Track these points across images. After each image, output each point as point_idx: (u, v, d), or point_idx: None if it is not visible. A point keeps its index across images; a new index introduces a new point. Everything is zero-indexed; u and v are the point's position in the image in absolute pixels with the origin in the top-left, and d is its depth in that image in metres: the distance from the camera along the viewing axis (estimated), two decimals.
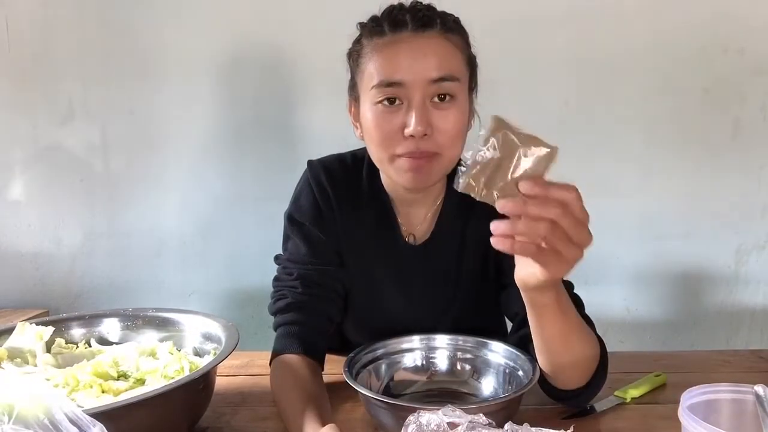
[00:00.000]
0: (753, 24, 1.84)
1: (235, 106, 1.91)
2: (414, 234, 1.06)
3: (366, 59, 0.93)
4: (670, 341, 1.98)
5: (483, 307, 1.08)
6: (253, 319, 1.88)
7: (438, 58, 0.89)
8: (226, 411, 0.92)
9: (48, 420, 0.54)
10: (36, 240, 1.97)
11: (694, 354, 1.24)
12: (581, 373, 0.85)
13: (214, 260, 1.97)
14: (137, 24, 1.87)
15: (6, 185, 1.95)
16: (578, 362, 0.83)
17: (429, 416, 0.61)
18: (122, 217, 1.96)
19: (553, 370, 0.84)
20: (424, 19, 0.90)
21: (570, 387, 0.86)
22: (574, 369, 0.84)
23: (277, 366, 0.94)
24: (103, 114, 1.92)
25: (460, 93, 0.92)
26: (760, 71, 1.86)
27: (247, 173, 1.93)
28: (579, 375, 0.85)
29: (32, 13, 1.87)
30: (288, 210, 1.07)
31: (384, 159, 0.94)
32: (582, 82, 1.87)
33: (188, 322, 0.96)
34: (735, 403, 0.70)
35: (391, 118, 0.91)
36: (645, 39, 1.84)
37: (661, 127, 1.89)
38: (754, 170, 1.91)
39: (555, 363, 0.83)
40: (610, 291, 1.94)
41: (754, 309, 1.98)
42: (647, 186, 1.91)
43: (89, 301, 1.98)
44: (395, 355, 0.97)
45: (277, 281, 1.04)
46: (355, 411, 0.91)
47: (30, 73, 1.89)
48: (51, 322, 0.95)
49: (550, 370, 0.85)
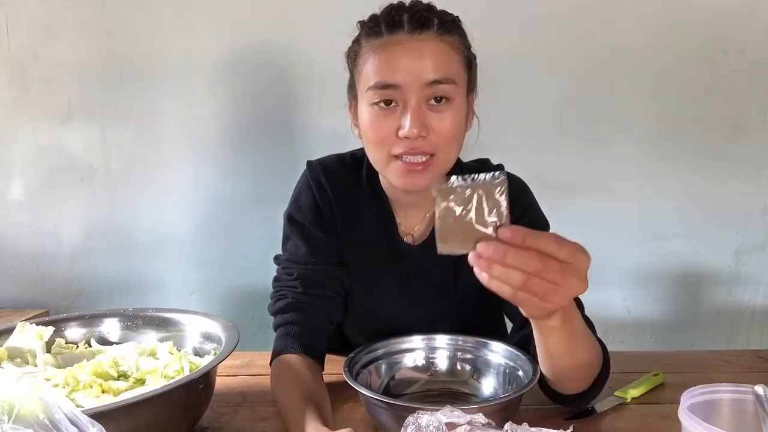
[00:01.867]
0: (753, 24, 1.84)
1: (235, 107, 1.91)
2: (412, 234, 1.06)
3: (363, 60, 0.94)
4: (670, 341, 1.97)
5: (482, 307, 1.08)
6: (253, 319, 1.88)
7: (434, 60, 0.89)
8: (226, 411, 0.92)
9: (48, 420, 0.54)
10: (36, 240, 1.97)
11: (694, 354, 1.24)
12: (583, 378, 0.85)
13: (214, 260, 1.97)
14: (137, 24, 1.87)
15: (6, 185, 1.95)
16: (581, 369, 0.83)
17: (428, 418, 0.61)
18: (122, 217, 1.96)
19: (555, 377, 0.84)
20: (421, 20, 0.90)
21: (571, 392, 0.86)
22: (576, 376, 0.84)
23: (278, 366, 0.94)
24: (103, 114, 1.92)
25: (457, 95, 0.92)
26: (760, 71, 1.86)
27: (247, 173, 1.93)
28: (581, 380, 0.85)
29: (32, 13, 1.87)
30: (288, 210, 1.07)
31: (380, 159, 0.95)
32: (582, 82, 1.87)
33: (188, 322, 0.96)
34: (735, 403, 0.70)
35: (387, 119, 0.91)
36: (645, 39, 1.84)
37: (661, 127, 1.89)
38: (754, 170, 1.91)
39: (558, 372, 0.83)
40: (610, 291, 1.94)
41: (754, 309, 1.98)
42: (647, 186, 1.91)
43: (89, 301, 1.98)
44: (395, 355, 0.97)
45: (277, 281, 1.04)
46: (355, 411, 0.91)
47: (30, 73, 1.90)
48: (51, 322, 0.95)
49: (553, 377, 0.84)
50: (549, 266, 0.61)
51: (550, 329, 0.73)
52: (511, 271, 0.61)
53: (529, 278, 0.61)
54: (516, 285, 0.61)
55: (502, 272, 0.61)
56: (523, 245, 0.60)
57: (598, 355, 0.85)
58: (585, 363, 0.82)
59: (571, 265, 0.62)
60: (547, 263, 0.61)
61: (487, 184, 0.61)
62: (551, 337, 0.75)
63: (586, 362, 0.82)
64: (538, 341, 0.79)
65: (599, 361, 0.85)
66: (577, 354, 0.80)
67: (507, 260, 0.60)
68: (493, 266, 0.61)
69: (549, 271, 0.61)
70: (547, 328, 0.73)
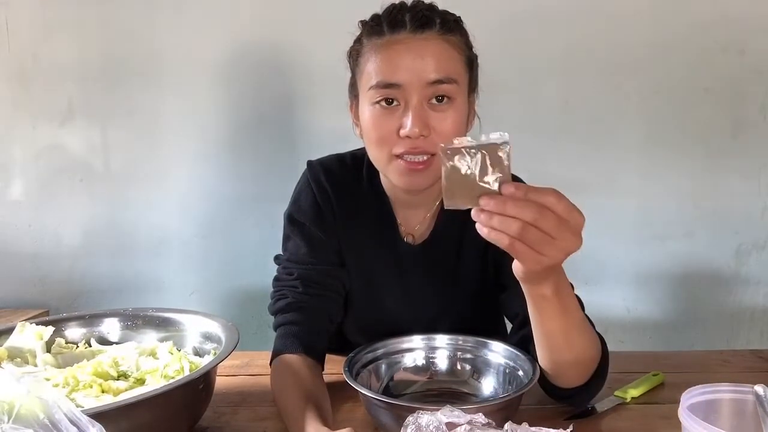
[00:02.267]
0: (753, 24, 1.84)
1: (235, 106, 1.91)
2: (413, 234, 1.06)
3: (365, 59, 0.93)
4: (670, 341, 1.98)
5: (482, 307, 1.09)
6: (253, 319, 1.88)
7: (436, 59, 0.89)
8: (226, 411, 0.92)
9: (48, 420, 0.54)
10: (36, 240, 1.97)
11: (693, 354, 1.24)
12: (582, 371, 0.85)
13: (214, 260, 1.97)
14: (137, 24, 1.87)
15: (6, 185, 1.95)
16: (579, 360, 0.83)
17: (428, 417, 0.61)
18: (122, 216, 1.96)
19: (553, 368, 0.84)
20: (423, 20, 0.90)
21: (570, 385, 0.86)
22: (574, 367, 0.84)
23: (278, 366, 0.94)
24: (103, 114, 1.92)
25: (458, 95, 0.92)
26: (760, 71, 1.86)
27: (247, 173, 1.93)
28: (579, 373, 0.85)
29: (32, 13, 1.87)
30: (288, 210, 1.07)
31: (381, 159, 0.94)
32: (582, 82, 1.87)
33: (188, 322, 0.96)
34: (735, 403, 0.70)
35: (388, 118, 0.91)
36: (645, 39, 1.84)
37: (661, 127, 1.89)
38: (754, 170, 1.91)
39: (556, 360, 0.83)
40: (610, 291, 1.94)
41: (754, 309, 1.98)
42: (647, 186, 1.92)
43: (89, 301, 1.98)
44: (395, 355, 0.97)
45: (277, 281, 1.04)
46: (355, 411, 0.91)
47: (30, 73, 1.90)
48: (51, 322, 0.95)
49: (551, 368, 0.84)
50: (546, 217, 0.65)
51: (542, 301, 0.76)
52: (509, 219, 0.65)
53: (525, 227, 0.65)
54: (513, 233, 0.65)
55: (501, 221, 0.65)
56: (525, 198, 0.65)
57: (596, 347, 0.85)
58: (583, 353, 0.82)
59: (567, 221, 0.66)
60: (545, 214, 0.65)
61: (491, 145, 0.65)
62: (545, 311, 0.77)
63: (584, 353, 0.82)
64: (534, 323, 0.80)
65: (598, 355, 0.85)
66: (574, 338, 0.80)
67: (506, 210, 0.65)
68: (494, 217, 0.66)
69: (545, 221, 0.65)
70: (540, 300, 0.76)
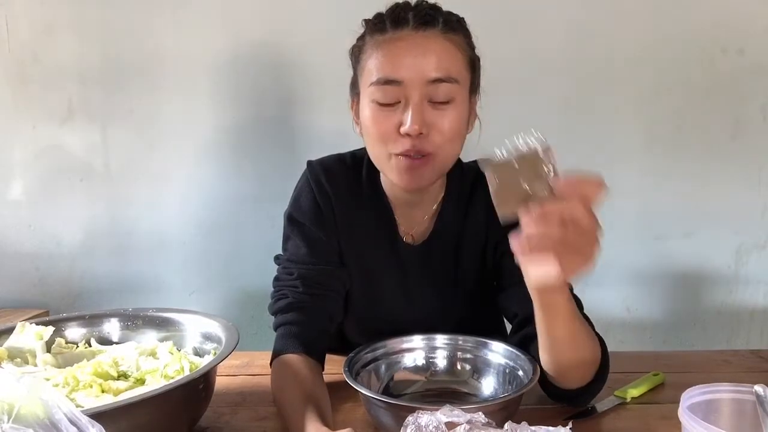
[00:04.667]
0: (753, 24, 1.84)
1: (235, 106, 1.91)
2: (413, 234, 1.06)
3: (366, 56, 0.94)
4: (670, 341, 1.98)
5: (482, 307, 1.08)
6: (253, 319, 1.88)
7: (437, 58, 0.89)
8: (226, 411, 0.92)
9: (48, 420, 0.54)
10: (36, 240, 1.97)
11: (694, 354, 1.24)
12: (584, 372, 0.85)
13: (214, 260, 1.97)
14: (137, 24, 1.87)
15: (6, 185, 1.95)
16: (583, 362, 0.83)
17: (428, 417, 0.61)
18: (122, 216, 1.96)
19: (557, 371, 0.84)
20: (425, 18, 0.90)
21: (572, 387, 0.86)
22: (578, 369, 0.84)
23: (278, 366, 0.94)
24: (103, 114, 1.92)
25: (459, 94, 0.92)
26: (760, 71, 1.86)
27: (247, 173, 1.93)
28: (582, 375, 0.85)
29: (32, 13, 1.87)
30: (288, 210, 1.08)
31: (381, 157, 0.94)
32: (582, 82, 1.87)
33: (188, 322, 0.96)
34: (735, 403, 0.70)
35: (388, 115, 0.91)
36: (645, 39, 1.84)
37: (661, 127, 1.89)
38: (754, 170, 1.91)
39: (560, 363, 0.83)
40: (610, 291, 1.94)
41: (754, 309, 1.98)
42: (647, 186, 1.91)
43: (89, 301, 1.98)
44: (395, 354, 0.97)
45: (278, 281, 1.04)
46: (355, 411, 0.91)
47: (30, 73, 1.90)
48: (51, 322, 0.95)
49: (554, 371, 0.84)
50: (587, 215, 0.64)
51: (556, 310, 0.75)
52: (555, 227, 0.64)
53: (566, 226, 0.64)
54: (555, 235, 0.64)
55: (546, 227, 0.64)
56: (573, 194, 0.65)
57: (597, 348, 0.85)
58: (586, 356, 0.83)
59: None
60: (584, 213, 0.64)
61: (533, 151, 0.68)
62: (558, 319, 0.76)
63: (587, 355, 0.83)
64: (544, 330, 0.79)
65: (598, 355, 0.86)
66: (579, 343, 0.81)
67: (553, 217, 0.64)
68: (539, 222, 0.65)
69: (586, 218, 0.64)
70: (554, 309, 0.75)
